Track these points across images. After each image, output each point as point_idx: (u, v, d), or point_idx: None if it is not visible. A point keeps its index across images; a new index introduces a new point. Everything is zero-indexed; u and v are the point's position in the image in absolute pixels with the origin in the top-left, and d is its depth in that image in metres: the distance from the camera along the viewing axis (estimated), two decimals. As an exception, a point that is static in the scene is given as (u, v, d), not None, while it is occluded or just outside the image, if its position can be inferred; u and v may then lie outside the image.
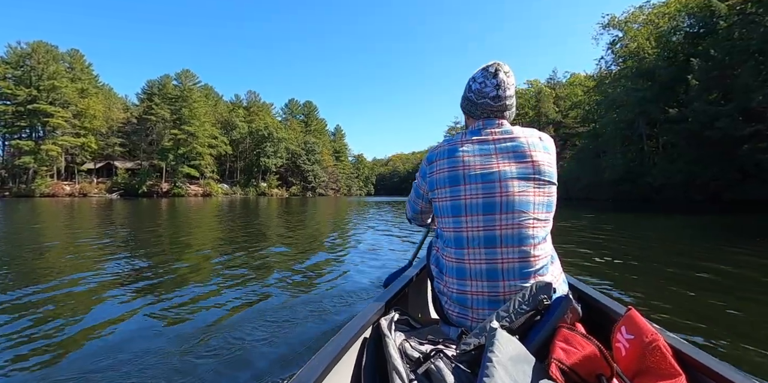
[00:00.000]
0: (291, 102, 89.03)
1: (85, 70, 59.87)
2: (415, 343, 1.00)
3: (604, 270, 4.24)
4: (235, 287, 3.48)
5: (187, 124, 57.78)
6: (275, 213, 15.97)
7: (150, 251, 5.49)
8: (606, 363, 0.75)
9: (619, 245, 6.20)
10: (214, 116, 67.78)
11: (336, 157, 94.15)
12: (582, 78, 47.83)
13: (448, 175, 1.16)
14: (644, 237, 7.53)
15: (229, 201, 32.87)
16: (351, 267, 4.44)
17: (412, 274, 1.63)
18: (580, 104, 44.87)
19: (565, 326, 0.87)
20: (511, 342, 0.76)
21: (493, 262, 1.10)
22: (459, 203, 1.14)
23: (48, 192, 49.39)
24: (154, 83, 61.30)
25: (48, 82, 50.36)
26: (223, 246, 6.18)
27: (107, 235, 7.59)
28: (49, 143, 50.53)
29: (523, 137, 1.16)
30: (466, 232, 1.13)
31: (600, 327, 1.10)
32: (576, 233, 7.92)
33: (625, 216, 13.89)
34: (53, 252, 5.45)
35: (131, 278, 3.78)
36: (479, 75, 1.21)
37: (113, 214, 14.79)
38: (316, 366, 0.82)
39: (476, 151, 1.15)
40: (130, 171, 58.07)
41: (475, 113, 1.24)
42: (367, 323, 1.09)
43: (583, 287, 1.37)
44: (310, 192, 77.61)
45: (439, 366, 0.86)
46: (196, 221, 11.91)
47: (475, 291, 1.13)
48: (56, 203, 25.41)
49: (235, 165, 71.56)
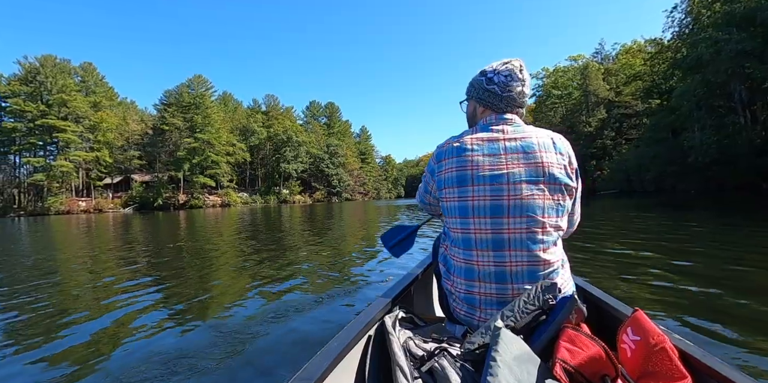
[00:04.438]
0: (312, 104, 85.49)
1: (99, 83, 58.99)
2: (419, 341, 1.01)
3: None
4: (253, 297, 3.35)
5: (201, 132, 55.24)
6: (288, 225, 13.25)
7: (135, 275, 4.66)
8: (611, 364, 0.75)
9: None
10: (232, 123, 65.26)
11: (362, 159, 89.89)
12: (641, 45, 39.59)
13: (457, 175, 1.12)
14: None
15: (247, 211, 30.46)
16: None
17: (417, 272, 1.62)
18: (640, 76, 36.77)
19: (570, 326, 0.86)
20: (515, 341, 0.76)
21: (502, 265, 1.08)
22: (467, 205, 1.11)
23: (63, 209, 48.30)
24: (172, 93, 59.20)
25: (57, 96, 49.04)
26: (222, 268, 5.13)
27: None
28: (61, 158, 49.39)
29: (535, 137, 1.12)
30: (474, 234, 1.11)
31: (606, 327, 1.09)
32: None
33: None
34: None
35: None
36: (504, 69, 1.18)
37: (105, 233, 12.69)
38: (320, 362, 0.82)
39: (485, 150, 1.11)
40: (145, 184, 56.00)
41: (496, 106, 1.19)
42: (371, 320, 1.08)
43: (589, 287, 1.35)
44: (336, 197, 73.70)
45: (443, 364, 0.86)
46: (189, 239, 9.43)
47: (483, 292, 1.11)
48: (63, 222, 23.36)
49: (256, 173, 68.84)
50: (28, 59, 50.86)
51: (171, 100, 58.21)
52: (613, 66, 45.11)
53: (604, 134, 41.45)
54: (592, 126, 42.57)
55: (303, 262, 5.14)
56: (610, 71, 44.54)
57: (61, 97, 49.29)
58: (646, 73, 35.98)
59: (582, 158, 40.87)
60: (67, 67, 53.42)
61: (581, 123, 44.01)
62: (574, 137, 41.95)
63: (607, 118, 41.86)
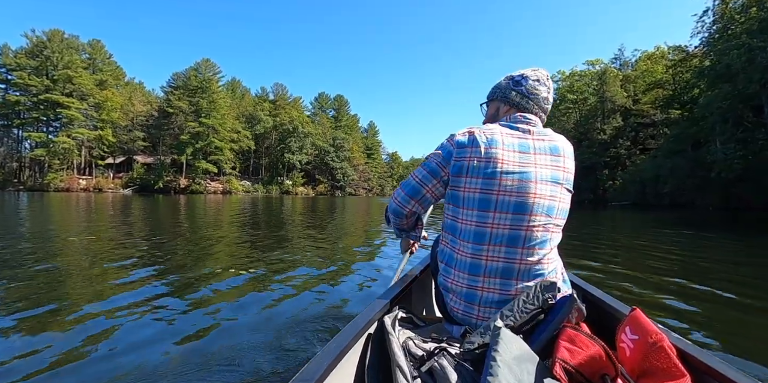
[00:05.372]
0: (321, 96, 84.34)
1: (107, 61, 58.17)
2: (418, 341, 1.01)
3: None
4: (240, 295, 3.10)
5: (206, 116, 54.44)
6: (290, 217, 12.50)
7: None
8: (610, 363, 0.76)
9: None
10: (238, 110, 64.41)
11: (368, 154, 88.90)
12: (664, 51, 38.15)
13: (484, 165, 1.09)
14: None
15: (248, 200, 30.11)
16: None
17: (416, 272, 1.60)
18: (661, 84, 35.39)
19: (570, 325, 0.87)
20: (515, 341, 0.77)
21: (512, 262, 1.09)
22: (490, 198, 1.09)
23: (62, 186, 47.88)
24: (180, 76, 58.31)
25: (62, 71, 48.29)
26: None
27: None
28: (63, 135, 48.68)
29: (559, 141, 1.16)
30: (491, 228, 1.09)
31: (604, 327, 1.09)
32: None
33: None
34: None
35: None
36: (532, 74, 1.23)
37: (99, 213, 12.16)
38: (319, 362, 0.82)
39: (516, 146, 1.11)
40: (147, 166, 55.32)
41: (522, 106, 1.21)
42: (370, 320, 1.07)
43: (587, 287, 1.36)
44: (339, 191, 72.83)
45: (443, 364, 0.86)
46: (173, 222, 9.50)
47: (486, 287, 1.11)
48: (60, 199, 22.80)
49: (260, 162, 68.09)
50: (35, 33, 50.04)
51: (179, 82, 57.42)
52: (632, 73, 43.70)
53: (619, 143, 40.13)
54: (607, 134, 41.28)
55: (303, 258, 4.85)
56: (629, 78, 43.18)
57: (66, 73, 48.52)
58: (667, 81, 34.66)
59: (593, 167, 39.72)
60: (75, 43, 52.57)
61: (595, 130, 42.73)
62: (587, 143, 40.73)
63: (623, 126, 40.49)
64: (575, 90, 46.90)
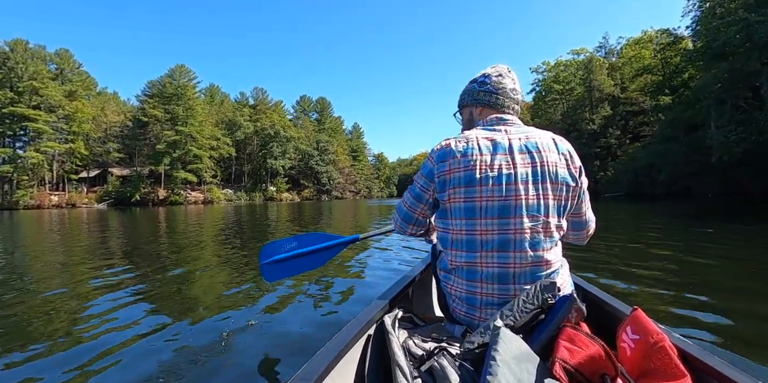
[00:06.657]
0: (303, 99, 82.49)
1: (76, 71, 55.58)
2: (418, 341, 1.01)
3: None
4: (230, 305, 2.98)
5: (183, 124, 52.32)
6: (274, 224, 12.16)
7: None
8: (610, 363, 0.76)
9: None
10: (218, 116, 62.30)
11: (353, 157, 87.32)
12: (651, 35, 36.90)
13: (464, 174, 1.09)
14: None
15: (231, 209, 28.53)
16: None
17: (416, 272, 1.60)
18: (650, 69, 34.12)
19: (570, 325, 0.87)
20: (515, 340, 0.77)
21: (506, 266, 1.08)
22: (474, 205, 1.09)
23: (32, 204, 45.25)
24: (155, 84, 56.10)
25: (27, 82, 45.87)
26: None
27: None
28: (31, 149, 46.16)
29: (537, 137, 1.13)
30: (479, 235, 1.09)
31: (605, 326, 1.08)
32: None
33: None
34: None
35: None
36: (493, 71, 1.25)
37: (63, 234, 10.66)
38: (319, 362, 0.83)
39: (492, 150, 1.10)
40: (123, 178, 52.94)
41: (493, 103, 1.22)
42: (371, 320, 1.08)
43: (588, 286, 1.35)
44: (326, 195, 71.02)
45: (443, 363, 0.86)
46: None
47: (485, 292, 1.11)
48: (27, 218, 21.10)
49: (242, 169, 65.82)
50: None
51: (154, 90, 55.23)
52: (618, 61, 42.56)
53: (609, 133, 38.95)
54: (596, 124, 40.07)
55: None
56: (615, 67, 42.05)
57: (32, 84, 46.00)
58: (656, 66, 33.40)
59: (585, 158, 38.13)
60: (41, 54, 50.02)
61: (584, 121, 41.50)
62: (577, 135, 39.43)
63: (612, 115, 39.33)
64: (561, 80, 45.64)
